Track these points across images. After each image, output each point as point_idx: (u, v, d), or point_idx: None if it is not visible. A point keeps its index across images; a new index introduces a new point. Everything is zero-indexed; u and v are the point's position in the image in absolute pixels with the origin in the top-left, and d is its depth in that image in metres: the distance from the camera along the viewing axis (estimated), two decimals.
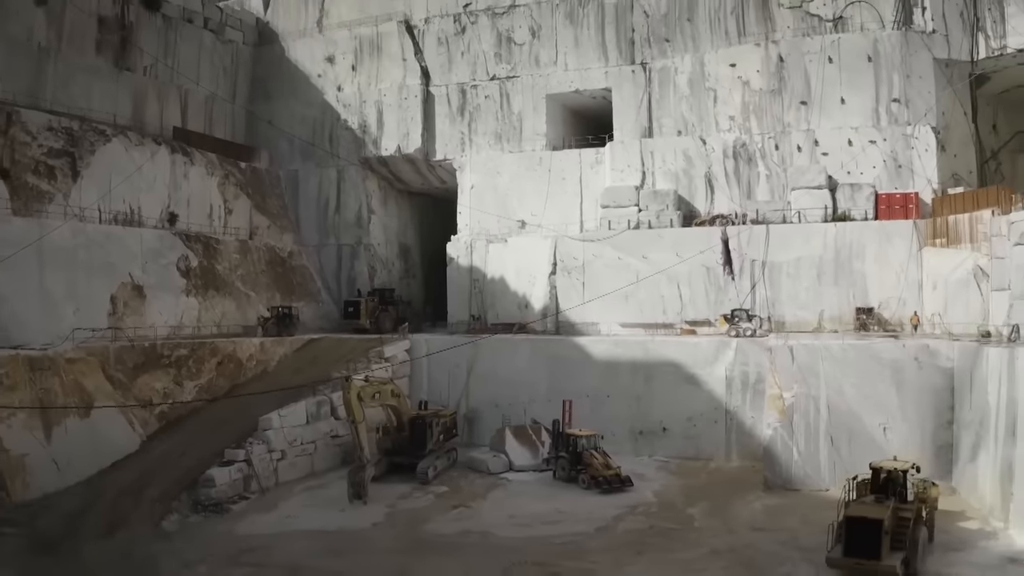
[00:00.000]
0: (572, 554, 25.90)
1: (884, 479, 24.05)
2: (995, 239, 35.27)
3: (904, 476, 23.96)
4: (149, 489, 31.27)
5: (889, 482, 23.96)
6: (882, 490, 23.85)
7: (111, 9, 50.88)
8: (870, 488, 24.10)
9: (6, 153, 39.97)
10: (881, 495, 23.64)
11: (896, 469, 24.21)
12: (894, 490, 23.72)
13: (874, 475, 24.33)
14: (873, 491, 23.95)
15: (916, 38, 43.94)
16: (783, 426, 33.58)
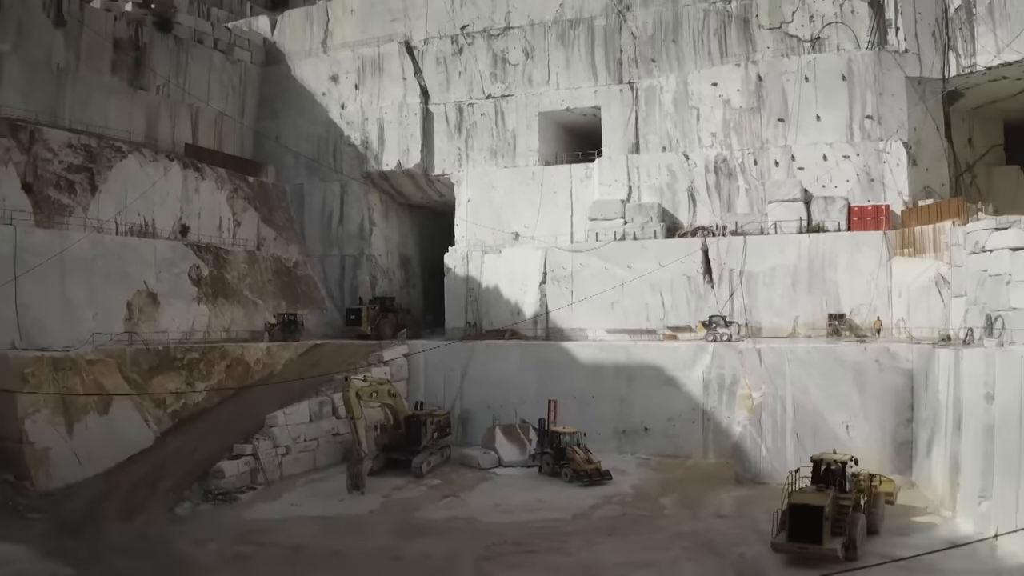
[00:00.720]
0: (548, 536, 28.69)
1: (824, 470, 26.70)
2: (954, 248, 37.96)
3: (843, 467, 26.63)
4: (163, 480, 34.22)
5: (829, 473, 26.61)
6: (823, 481, 26.48)
7: (126, 31, 54.11)
8: (812, 479, 26.73)
9: (29, 169, 43.03)
10: (822, 485, 26.29)
11: (836, 461, 26.89)
12: (834, 480, 26.37)
13: (815, 467, 26.98)
14: (814, 482, 26.58)
15: (889, 57, 46.66)
16: (752, 424, 36.33)
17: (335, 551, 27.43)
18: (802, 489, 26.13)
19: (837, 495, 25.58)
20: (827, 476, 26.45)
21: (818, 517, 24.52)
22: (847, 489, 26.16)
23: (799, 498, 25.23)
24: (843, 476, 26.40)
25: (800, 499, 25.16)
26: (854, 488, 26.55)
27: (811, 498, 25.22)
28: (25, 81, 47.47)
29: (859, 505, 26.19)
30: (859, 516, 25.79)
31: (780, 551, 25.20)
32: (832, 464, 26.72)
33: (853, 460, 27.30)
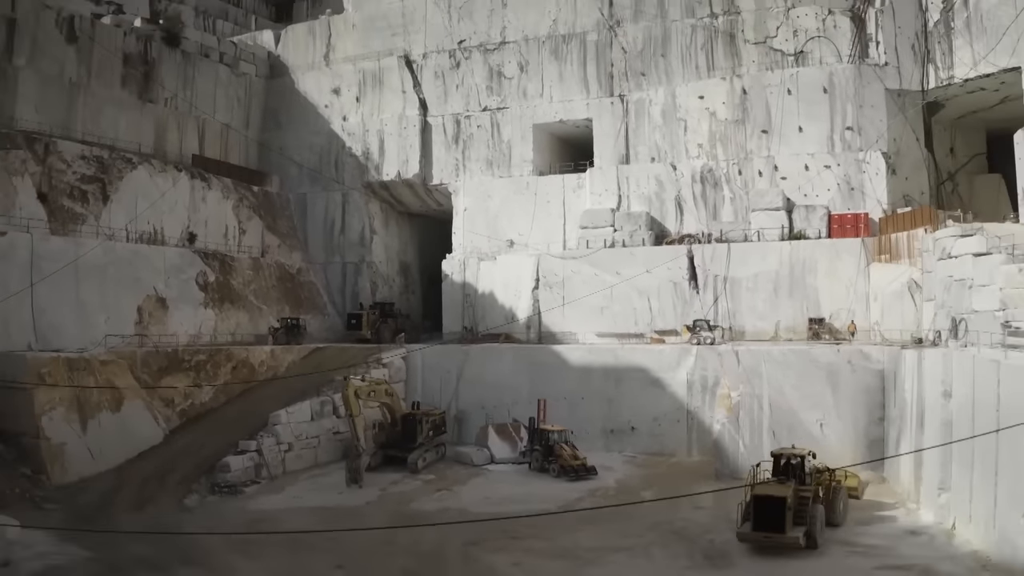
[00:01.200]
0: (532, 524, 30.74)
1: (784, 464, 28.71)
2: (925, 255, 40.09)
3: (802, 461, 28.66)
4: (172, 474, 36.40)
5: (789, 467, 28.62)
6: (783, 474, 28.47)
7: (135, 46, 56.50)
8: (772, 472, 28.71)
9: (45, 179, 45.42)
10: (783, 477, 28.29)
11: (795, 455, 28.92)
12: (794, 474, 28.38)
13: (775, 461, 28.98)
14: (775, 475, 28.54)
15: (869, 70, 48.81)
16: (730, 422, 38.38)
17: (333, 538, 29.56)
18: (765, 482, 28.05)
19: (798, 487, 27.56)
20: (787, 470, 28.42)
21: (781, 507, 26.38)
22: (807, 482, 28.13)
23: (762, 490, 27.14)
24: (802, 469, 28.39)
25: (764, 491, 27.07)
26: (813, 481, 28.52)
27: (774, 489, 27.14)
28: (39, 95, 49.86)
29: (818, 497, 28.17)
30: (818, 507, 27.72)
31: (745, 541, 27.08)
32: (791, 458, 28.72)
33: (811, 455, 29.31)
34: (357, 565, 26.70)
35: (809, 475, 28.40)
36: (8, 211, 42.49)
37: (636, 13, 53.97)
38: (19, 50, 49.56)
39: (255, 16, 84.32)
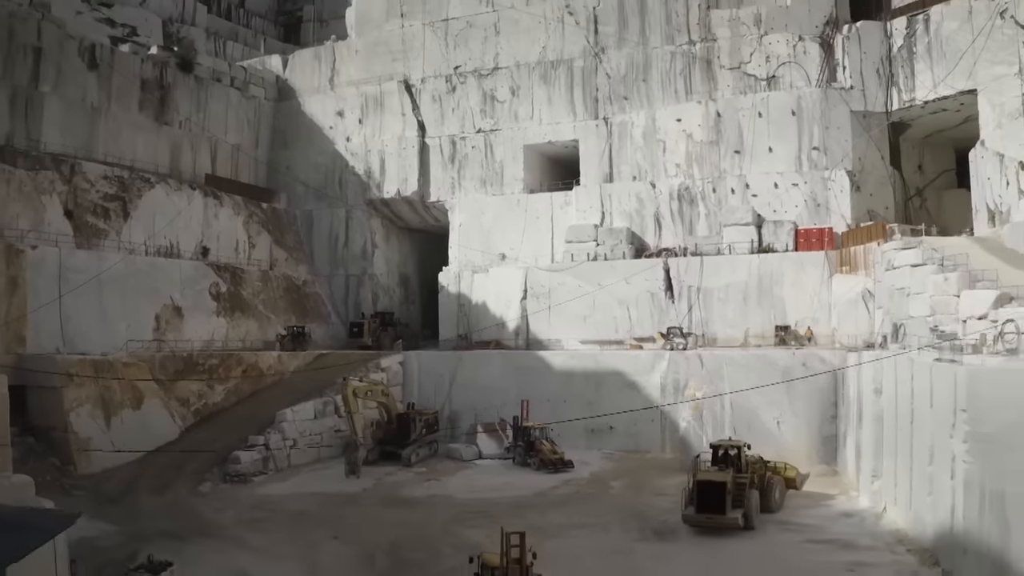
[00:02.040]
0: (509, 507, 34.97)
1: (723, 454, 32.78)
2: (876, 266, 44.22)
3: (739, 452, 32.75)
4: (188, 465, 40.64)
5: (727, 457, 32.69)
6: (722, 463, 32.53)
7: (151, 72, 60.90)
8: (712, 462, 32.76)
9: (70, 198, 49.91)
10: (722, 466, 32.35)
11: (732, 446, 33.03)
12: (731, 463, 32.44)
13: (714, 451, 33.06)
14: (714, 464, 32.61)
15: (835, 94, 52.84)
16: (695, 419, 42.60)
17: (331, 516, 33.85)
18: (706, 470, 32.16)
19: (735, 474, 31.60)
20: (725, 459, 32.52)
21: (721, 492, 30.42)
22: (743, 470, 32.20)
23: (705, 476, 31.18)
24: (739, 459, 32.47)
25: (706, 476, 31.12)
26: (749, 470, 32.56)
27: (715, 476, 31.18)
28: (64, 119, 53.95)
29: (754, 483, 32.23)
30: (754, 493, 31.76)
31: (689, 522, 30.96)
32: (729, 449, 32.84)
33: (747, 446, 33.44)
34: (351, 536, 30.93)
35: (745, 465, 32.50)
36: (38, 227, 46.93)
37: (619, 41, 58.33)
38: (44, 77, 53.65)
39: (264, 37, 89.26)
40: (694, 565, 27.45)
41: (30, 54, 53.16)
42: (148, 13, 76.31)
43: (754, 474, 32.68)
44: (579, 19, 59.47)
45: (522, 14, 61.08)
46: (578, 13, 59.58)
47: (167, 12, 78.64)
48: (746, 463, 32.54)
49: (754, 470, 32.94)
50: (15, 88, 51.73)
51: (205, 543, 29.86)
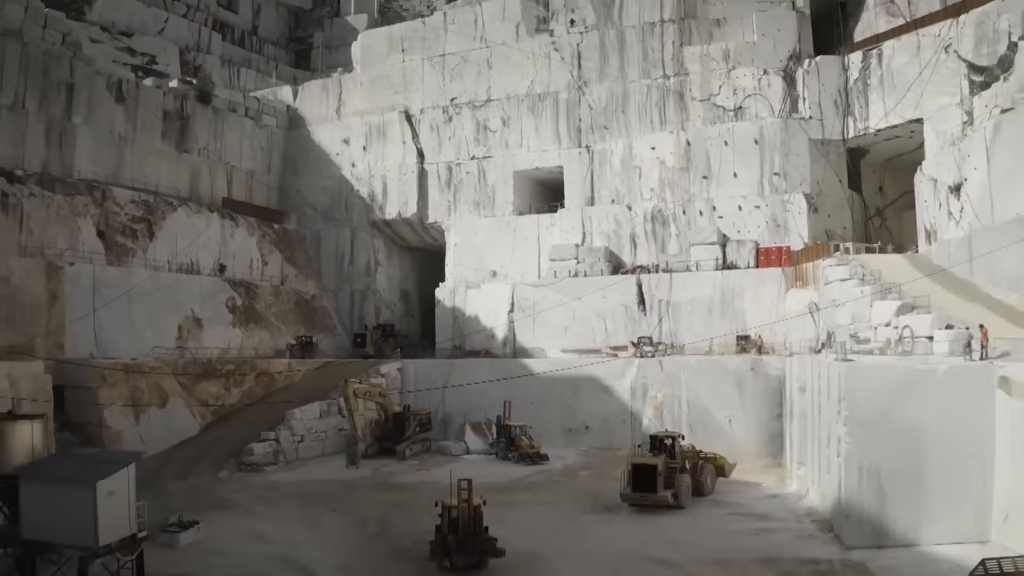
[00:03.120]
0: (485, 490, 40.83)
1: (659, 443, 38.79)
2: (820, 281, 50.31)
3: (673, 441, 38.72)
4: (208, 457, 46.99)
5: (663, 445, 38.69)
6: (658, 450, 38.54)
7: (173, 104, 67.58)
8: (650, 450, 38.73)
9: (102, 220, 56.56)
10: (657, 452, 38.34)
11: (667, 436, 39.04)
12: (665, 450, 38.42)
13: (652, 441, 39.07)
14: (651, 451, 38.61)
15: (794, 124, 58.99)
16: (656, 418, 48.63)
17: (332, 496, 40.11)
18: (641, 455, 38.14)
19: (667, 460, 37.60)
20: (661, 448, 38.55)
21: (653, 473, 36.38)
22: (675, 456, 38.20)
23: (639, 459, 37.08)
24: (673, 448, 38.47)
25: (639, 460, 37.01)
26: (681, 457, 38.54)
27: (648, 460, 37.02)
28: (94, 148, 60.47)
29: (685, 469, 38.17)
30: (684, 476, 37.64)
31: (626, 500, 36.73)
32: (664, 439, 38.88)
33: (681, 436, 39.49)
34: (347, 510, 37.19)
35: (679, 453, 38.50)
36: (74, 246, 53.60)
37: (601, 75, 64.88)
38: (76, 110, 60.14)
39: (276, 63, 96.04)
40: (626, 530, 33.55)
41: (63, 89, 59.44)
42: (166, 42, 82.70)
43: (686, 460, 38.68)
44: (564, 55, 66.11)
45: (512, 50, 67.76)
46: (563, 49, 66.24)
47: (184, 41, 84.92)
48: (680, 451, 38.54)
49: (687, 457, 38.94)
50: (50, 120, 58.08)
51: (223, 514, 36.15)
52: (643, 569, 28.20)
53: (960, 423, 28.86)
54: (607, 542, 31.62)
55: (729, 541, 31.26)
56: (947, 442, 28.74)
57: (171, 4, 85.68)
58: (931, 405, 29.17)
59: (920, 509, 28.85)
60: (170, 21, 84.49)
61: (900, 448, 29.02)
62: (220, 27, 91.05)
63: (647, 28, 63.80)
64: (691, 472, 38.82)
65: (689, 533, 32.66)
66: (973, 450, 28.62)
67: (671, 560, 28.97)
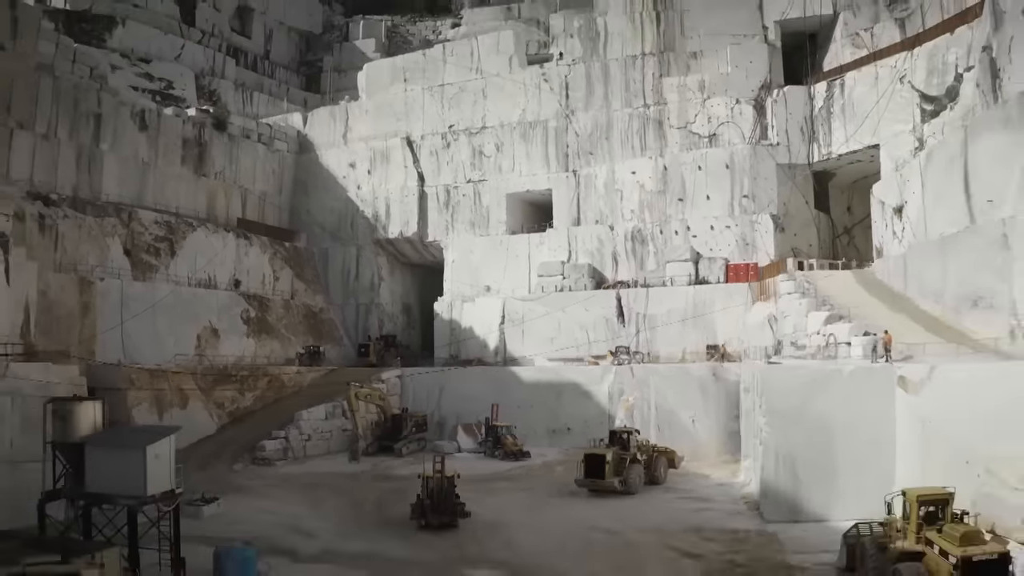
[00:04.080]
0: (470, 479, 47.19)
1: (616, 437, 44.91)
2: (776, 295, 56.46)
3: (627, 436, 44.76)
4: (224, 452, 53.27)
5: (620, 439, 44.79)
6: (615, 444, 44.60)
7: (191, 132, 74.30)
8: (608, 442, 44.74)
9: (128, 239, 63.15)
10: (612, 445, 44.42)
11: (623, 431, 45.15)
12: (620, 443, 44.51)
13: (611, 435, 45.15)
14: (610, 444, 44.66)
15: (763, 150, 65.00)
16: (627, 419, 54.69)
17: (335, 485, 46.44)
18: (594, 447, 44.16)
19: (619, 451, 43.61)
20: (618, 441, 44.68)
21: (602, 462, 42.58)
22: (628, 448, 44.29)
23: (591, 451, 43.33)
24: (626, 441, 44.55)
25: (591, 451, 43.31)
26: (634, 449, 44.56)
27: (598, 451, 43.18)
28: (120, 173, 66.94)
29: (637, 460, 44.19)
30: (636, 466, 43.60)
31: (579, 485, 42.95)
32: (622, 434, 45.02)
33: (636, 431, 45.68)
34: (346, 494, 43.53)
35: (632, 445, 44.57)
36: (104, 263, 60.08)
37: (587, 104, 71.34)
38: (104, 138, 66.68)
39: (288, 87, 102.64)
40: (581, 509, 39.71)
41: (91, 119, 65.94)
42: (182, 68, 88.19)
43: (641, 453, 44.81)
44: (553, 86, 72.66)
45: (506, 81, 74.41)
46: (552, 80, 72.80)
47: (199, 66, 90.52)
48: (634, 444, 44.68)
49: (642, 450, 45.12)
50: (80, 147, 64.58)
51: (239, 495, 42.55)
52: (588, 536, 34.36)
53: (864, 415, 34.95)
54: (562, 517, 37.88)
55: (667, 516, 37.37)
56: (853, 432, 34.80)
57: (187, 31, 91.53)
58: (839, 400, 35.33)
59: (830, 489, 34.91)
60: (186, 47, 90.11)
61: (812, 437, 35.10)
62: (234, 52, 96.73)
63: (629, 61, 70.32)
64: (647, 463, 44.93)
65: (635, 511, 38.77)
66: (875, 438, 34.67)
67: (613, 529, 35.18)
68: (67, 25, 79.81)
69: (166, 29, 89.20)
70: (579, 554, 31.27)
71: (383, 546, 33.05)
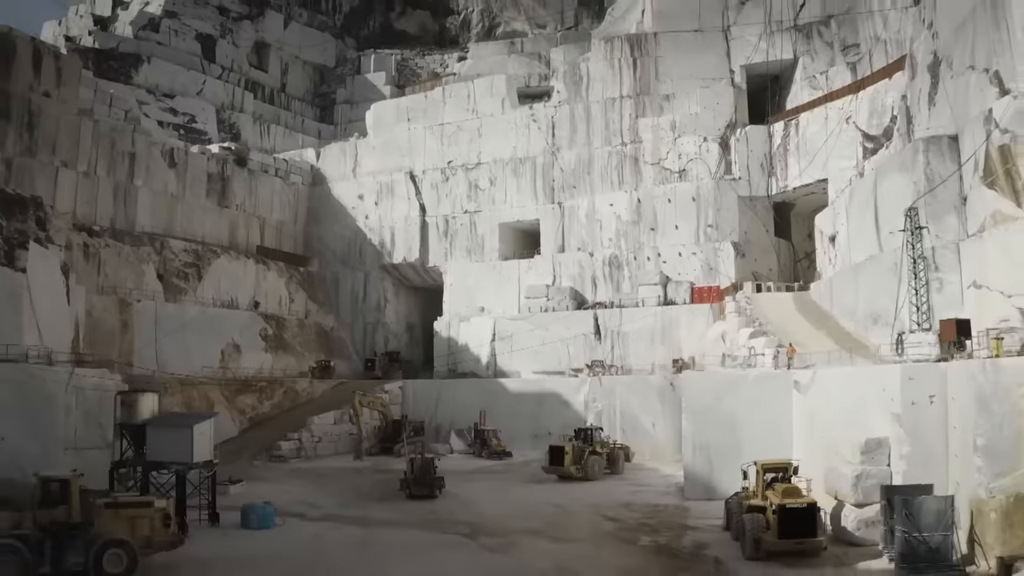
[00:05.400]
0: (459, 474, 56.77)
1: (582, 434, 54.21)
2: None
3: (589, 432, 54.20)
4: (245, 451, 62.61)
5: (585, 435, 54.28)
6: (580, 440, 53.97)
7: (215, 168, 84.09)
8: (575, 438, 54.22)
9: (161, 265, 73.14)
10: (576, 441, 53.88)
11: (586, 429, 54.61)
12: (583, 438, 53.99)
13: (577, 432, 54.58)
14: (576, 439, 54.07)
15: (725, 184, 74.06)
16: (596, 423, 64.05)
17: (341, 475, 56.08)
18: (558, 442, 53.66)
19: (579, 444, 52.94)
20: (580, 436, 54.15)
21: (562, 452, 52.08)
22: (588, 443, 53.72)
23: (554, 444, 53.01)
24: (588, 437, 53.99)
25: (554, 444, 53.00)
26: (595, 444, 53.90)
27: (559, 443, 52.95)
28: (152, 206, 76.92)
29: (596, 452, 53.50)
30: (594, 457, 52.85)
31: (546, 472, 52.43)
32: (586, 432, 54.42)
33: (600, 429, 55.23)
34: (349, 482, 53.15)
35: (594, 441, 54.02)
36: (140, 286, 69.85)
37: (571, 142, 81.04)
38: (138, 174, 76.36)
39: (303, 118, 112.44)
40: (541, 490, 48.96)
41: (127, 157, 75.61)
42: (204, 103, 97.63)
43: (600, 447, 54.31)
44: (541, 125, 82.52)
45: (499, 121, 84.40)
46: (540, 121, 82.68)
47: (219, 100, 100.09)
48: (596, 440, 54.18)
49: (603, 445, 54.64)
50: (116, 183, 74.49)
51: (259, 482, 52.11)
52: (538, 507, 43.56)
53: (766, 411, 43.95)
54: (524, 495, 47.28)
55: (609, 496, 46.51)
56: (757, 426, 43.63)
57: (208, 66, 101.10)
58: (745, 400, 44.41)
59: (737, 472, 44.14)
60: (207, 83, 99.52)
61: (723, 430, 43.87)
62: (252, 86, 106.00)
63: (609, 103, 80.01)
64: (608, 457, 54.45)
65: (585, 492, 48.04)
66: (775, 430, 43.43)
67: (561, 503, 44.46)
68: (96, 63, 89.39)
69: (188, 66, 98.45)
70: (525, 516, 40.47)
71: (373, 511, 42.43)
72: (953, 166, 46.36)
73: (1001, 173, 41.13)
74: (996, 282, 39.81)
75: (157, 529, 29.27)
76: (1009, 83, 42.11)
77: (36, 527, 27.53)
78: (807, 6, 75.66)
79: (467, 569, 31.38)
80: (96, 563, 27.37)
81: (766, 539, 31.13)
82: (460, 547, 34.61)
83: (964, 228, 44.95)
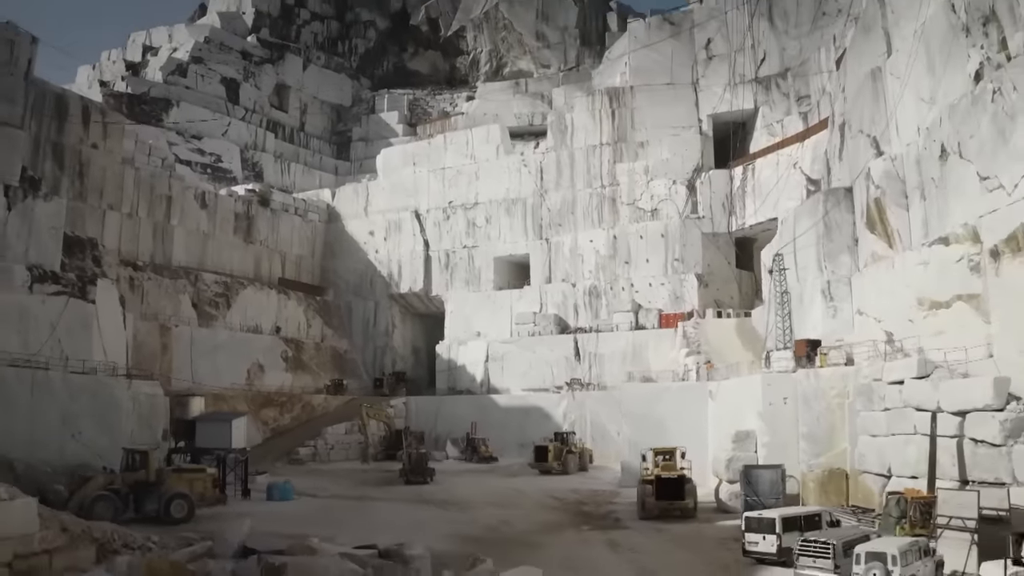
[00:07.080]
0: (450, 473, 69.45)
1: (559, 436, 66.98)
2: None
3: (565, 436, 66.90)
4: (268, 456, 75.05)
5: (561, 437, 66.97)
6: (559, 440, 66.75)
7: (241, 208, 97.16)
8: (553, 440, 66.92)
9: (195, 295, 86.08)
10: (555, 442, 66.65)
11: (563, 433, 67.37)
12: (561, 440, 66.73)
13: (555, 435, 67.25)
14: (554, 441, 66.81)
15: (691, 222, 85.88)
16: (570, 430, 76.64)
17: (349, 474, 68.84)
18: (542, 443, 66.46)
19: (559, 445, 65.68)
20: (559, 438, 66.87)
21: (546, 451, 64.97)
22: (566, 443, 66.44)
23: (538, 443, 65.78)
24: (564, 439, 66.75)
25: (539, 443, 65.72)
26: (569, 444, 66.66)
27: (543, 443, 65.71)
28: (186, 243, 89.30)
29: (572, 452, 66.22)
30: (570, 455, 65.60)
31: (532, 467, 65.23)
32: (564, 435, 67.12)
33: (574, 433, 67.93)
34: (356, 479, 65.97)
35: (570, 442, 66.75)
36: (177, 313, 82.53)
37: (557, 185, 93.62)
38: (174, 215, 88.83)
39: (320, 156, 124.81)
40: (517, 481, 61.36)
41: (164, 200, 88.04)
42: (229, 143, 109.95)
43: (573, 447, 67.04)
44: (531, 170, 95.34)
45: (494, 165, 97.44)
46: (530, 165, 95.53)
47: (243, 141, 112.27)
48: (571, 442, 66.99)
49: (575, 445, 67.43)
50: (155, 223, 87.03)
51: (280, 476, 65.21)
52: (502, 491, 55.97)
53: (688, 417, 56.28)
54: (497, 484, 59.78)
55: (565, 484, 58.95)
56: (680, 428, 56.09)
57: (232, 109, 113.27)
58: (670, 407, 56.97)
59: None
60: (232, 125, 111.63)
61: (654, 431, 55.82)
62: (273, 126, 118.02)
63: (590, 149, 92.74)
64: (579, 455, 67.28)
65: (551, 483, 60.22)
66: (695, 430, 55.79)
67: (523, 489, 56.80)
68: (129, 107, 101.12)
69: (214, 108, 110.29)
70: (490, 495, 52.95)
71: (372, 492, 55.24)
72: (848, 214, 58.72)
73: (877, 220, 53.71)
74: (872, 309, 52.19)
75: (208, 489, 42.39)
76: (884, 146, 54.24)
77: (124, 484, 40.66)
78: (767, 61, 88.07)
79: (435, 518, 43.98)
80: (166, 509, 40.41)
81: (649, 501, 43.72)
82: (433, 509, 47.40)
83: (856, 265, 57.08)
